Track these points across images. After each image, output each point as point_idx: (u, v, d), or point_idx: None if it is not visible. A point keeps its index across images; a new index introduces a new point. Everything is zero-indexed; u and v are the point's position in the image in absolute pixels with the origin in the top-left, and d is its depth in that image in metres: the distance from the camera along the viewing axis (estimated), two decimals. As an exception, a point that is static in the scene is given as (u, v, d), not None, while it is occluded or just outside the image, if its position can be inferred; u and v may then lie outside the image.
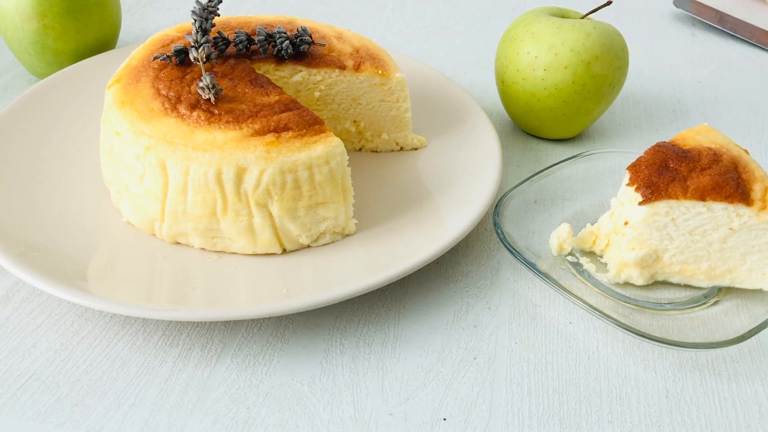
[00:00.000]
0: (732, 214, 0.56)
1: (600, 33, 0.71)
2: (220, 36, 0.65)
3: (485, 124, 0.72)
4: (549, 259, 0.61)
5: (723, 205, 0.56)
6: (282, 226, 0.58)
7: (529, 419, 0.51)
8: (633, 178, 0.58)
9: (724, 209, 0.56)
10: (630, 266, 0.59)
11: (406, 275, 0.56)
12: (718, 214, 0.56)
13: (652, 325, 0.56)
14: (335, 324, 0.57)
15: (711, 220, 0.56)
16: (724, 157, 0.58)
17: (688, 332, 0.56)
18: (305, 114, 0.59)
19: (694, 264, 0.58)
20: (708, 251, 0.58)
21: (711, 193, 0.56)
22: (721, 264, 0.58)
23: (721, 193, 0.56)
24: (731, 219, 0.56)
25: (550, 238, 0.62)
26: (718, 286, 0.60)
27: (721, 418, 0.52)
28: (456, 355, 0.55)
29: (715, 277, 0.59)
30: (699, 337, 0.55)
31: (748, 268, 0.58)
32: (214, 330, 0.56)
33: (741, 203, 0.56)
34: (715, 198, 0.56)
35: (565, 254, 0.61)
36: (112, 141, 0.60)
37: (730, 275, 0.59)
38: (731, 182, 0.56)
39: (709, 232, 0.57)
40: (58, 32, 0.77)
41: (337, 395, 0.52)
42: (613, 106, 0.86)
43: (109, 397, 0.51)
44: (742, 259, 0.58)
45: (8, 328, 0.55)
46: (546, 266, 0.60)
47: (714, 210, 0.56)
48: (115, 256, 0.58)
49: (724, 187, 0.56)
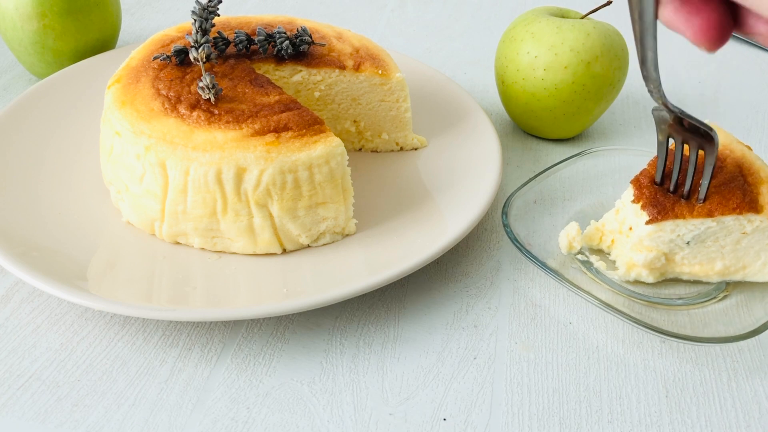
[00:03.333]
0: (743, 222, 0.55)
1: (600, 33, 0.71)
2: (220, 36, 0.65)
3: (485, 124, 0.72)
4: (558, 258, 0.61)
5: (733, 217, 0.55)
6: (282, 226, 0.58)
7: (529, 419, 0.51)
8: (638, 195, 0.57)
9: (734, 220, 0.55)
10: (639, 266, 0.59)
11: (406, 275, 0.56)
12: (729, 225, 0.55)
13: (665, 321, 0.56)
14: (335, 324, 0.57)
15: (722, 230, 0.56)
16: (728, 160, 0.57)
17: (701, 327, 0.55)
18: (305, 114, 0.59)
19: (708, 264, 0.58)
20: (721, 253, 0.57)
21: (718, 208, 0.55)
22: (736, 262, 0.58)
23: (728, 206, 0.55)
24: (743, 226, 0.56)
25: (559, 236, 0.62)
26: (729, 281, 0.59)
27: (721, 417, 0.52)
28: (456, 355, 0.55)
29: (728, 274, 0.59)
30: (713, 332, 0.55)
31: (762, 263, 0.57)
32: (214, 330, 0.56)
33: (750, 212, 0.55)
34: (723, 212, 0.55)
35: (574, 253, 0.61)
36: (112, 141, 0.60)
37: (743, 271, 0.58)
38: (737, 192, 0.55)
39: (722, 239, 0.56)
40: (58, 32, 0.77)
41: (337, 395, 0.52)
42: (613, 106, 0.86)
43: (109, 397, 0.51)
44: (757, 256, 0.57)
45: (8, 328, 0.55)
46: (556, 265, 0.60)
47: (724, 222, 0.55)
48: (115, 256, 0.58)
49: (730, 199, 0.55)
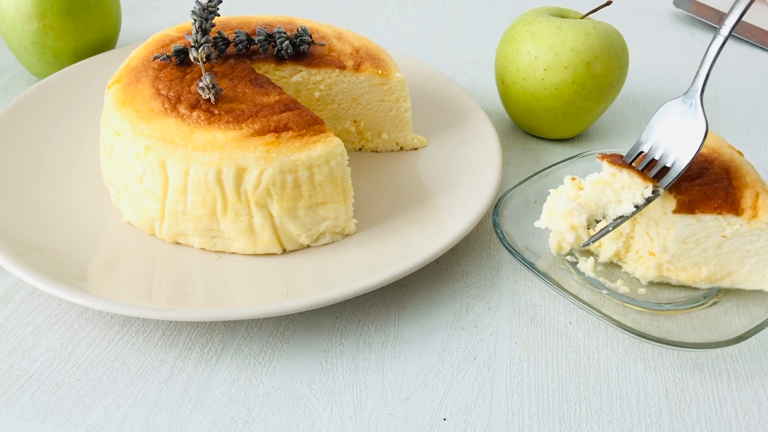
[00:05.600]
0: (723, 223, 0.56)
1: (600, 33, 0.71)
2: (220, 36, 0.65)
3: (485, 124, 0.72)
4: (548, 259, 0.61)
5: (713, 216, 0.56)
6: (282, 226, 0.58)
7: (529, 419, 0.51)
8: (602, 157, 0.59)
9: (714, 219, 0.56)
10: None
11: (406, 275, 0.56)
12: (708, 224, 0.56)
13: (651, 325, 0.56)
14: (335, 324, 0.57)
15: (702, 230, 0.57)
16: (716, 163, 0.58)
17: (687, 332, 0.56)
18: (305, 114, 0.59)
19: (693, 270, 0.58)
20: (704, 257, 0.58)
21: (700, 205, 0.56)
22: (720, 268, 0.58)
23: (709, 204, 0.56)
24: (722, 228, 0.56)
25: (549, 237, 0.62)
26: (718, 288, 0.60)
27: (721, 418, 0.52)
28: (456, 355, 0.55)
29: (715, 281, 0.59)
30: (699, 337, 0.55)
31: (747, 271, 0.58)
32: (214, 330, 0.56)
33: (730, 213, 0.56)
34: (704, 210, 0.56)
35: (564, 254, 0.61)
36: (112, 141, 0.60)
37: (730, 278, 0.58)
38: (720, 192, 0.56)
39: (702, 240, 0.57)
40: (58, 32, 0.77)
41: (337, 395, 0.52)
42: (613, 106, 0.86)
43: (109, 397, 0.51)
44: (740, 263, 0.58)
45: (8, 328, 0.55)
46: (545, 266, 0.60)
47: (704, 221, 0.56)
48: (115, 256, 0.58)
49: (713, 198, 0.56)
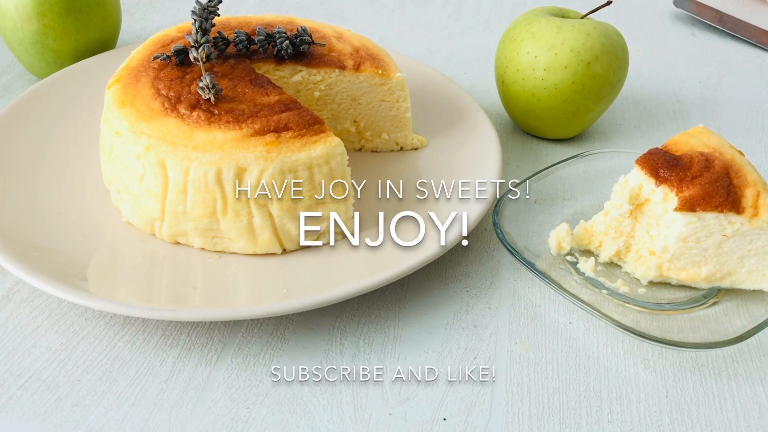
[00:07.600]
0: (724, 222, 0.56)
1: (600, 33, 0.71)
2: (220, 36, 0.65)
3: (485, 124, 0.72)
4: (548, 259, 0.61)
5: (714, 214, 0.56)
6: (282, 226, 0.58)
7: (529, 419, 0.51)
8: None
9: (715, 218, 0.56)
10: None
11: (406, 275, 0.56)
12: (709, 223, 0.56)
13: (651, 325, 0.56)
14: (335, 324, 0.57)
15: (703, 229, 0.57)
16: (716, 162, 0.58)
17: (687, 332, 0.56)
18: (305, 114, 0.59)
19: (693, 269, 0.58)
20: (704, 256, 0.58)
21: (701, 203, 0.56)
22: (720, 268, 0.58)
23: (710, 203, 0.56)
24: (723, 227, 0.56)
25: (549, 237, 0.62)
26: (718, 288, 0.60)
27: (721, 418, 0.52)
28: (456, 355, 0.55)
29: (715, 281, 0.59)
30: (699, 338, 0.55)
31: (747, 271, 0.58)
32: (214, 330, 0.56)
33: (731, 212, 0.56)
34: (705, 208, 0.56)
35: (564, 254, 0.61)
36: (112, 141, 0.60)
37: (730, 278, 0.58)
38: (721, 191, 0.56)
39: (703, 239, 0.57)
40: (58, 32, 0.77)
41: (337, 395, 0.52)
42: (613, 106, 0.86)
43: (109, 397, 0.51)
44: (740, 263, 0.58)
45: (8, 328, 0.55)
46: (545, 266, 0.60)
47: (705, 219, 0.56)
48: (115, 256, 0.58)
49: (714, 196, 0.56)
